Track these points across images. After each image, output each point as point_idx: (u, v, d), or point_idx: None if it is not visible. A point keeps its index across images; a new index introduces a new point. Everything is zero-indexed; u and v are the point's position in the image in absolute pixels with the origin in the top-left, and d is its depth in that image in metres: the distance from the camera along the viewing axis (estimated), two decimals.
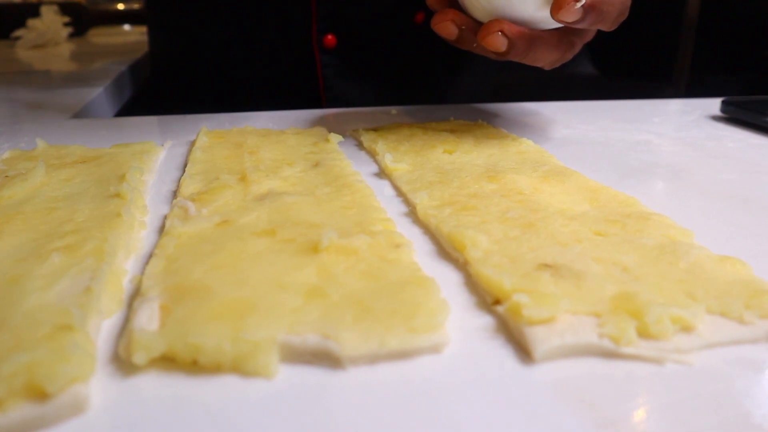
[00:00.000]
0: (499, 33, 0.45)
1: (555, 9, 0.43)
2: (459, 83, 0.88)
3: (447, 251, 0.33)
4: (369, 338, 0.24)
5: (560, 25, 0.47)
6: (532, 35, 0.46)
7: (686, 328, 0.25)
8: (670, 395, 0.22)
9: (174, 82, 0.87)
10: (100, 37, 1.54)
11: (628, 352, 0.24)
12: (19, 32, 1.28)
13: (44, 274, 0.28)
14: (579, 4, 0.42)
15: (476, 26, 0.48)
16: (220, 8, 0.79)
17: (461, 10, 0.49)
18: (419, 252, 0.33)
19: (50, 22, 1.32)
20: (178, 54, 0.86)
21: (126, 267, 0.32)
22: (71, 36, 1.42)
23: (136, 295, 0.28)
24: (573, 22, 0.44)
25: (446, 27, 0.48)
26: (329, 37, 0.77)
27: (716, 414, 0.21)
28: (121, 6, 1.77)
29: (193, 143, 0.52)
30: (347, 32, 0.78)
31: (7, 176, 0.41)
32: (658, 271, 0.29)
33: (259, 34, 0.78)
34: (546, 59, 0.49)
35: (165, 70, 0.89)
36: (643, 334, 0.25)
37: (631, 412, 0.22)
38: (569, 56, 0.50)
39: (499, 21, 0.45)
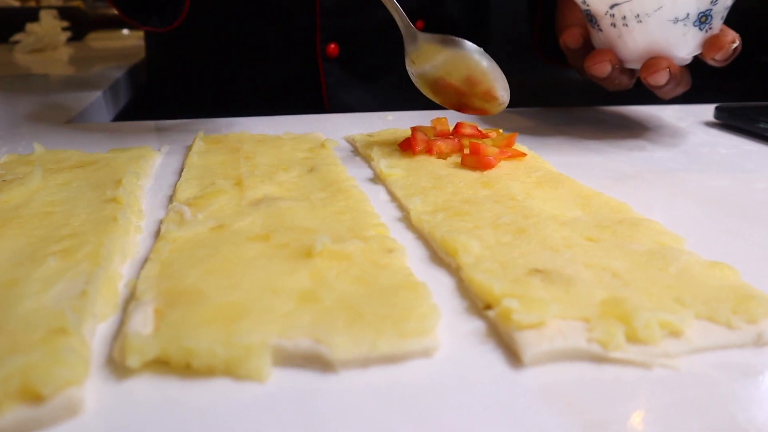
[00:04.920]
0: (667, 69, 0.51)
1: (714, 50, 0.51)
2: None
3: (440, 256, 0.33)
4: (360, 342, 0.24)
5: (688, 62, 0.54)
6: (681, 72, 0.53)
7: (674, 333, 0.25)
8: (657, 399, 0.23)
9: (172, 88, 0.87)
10: (99, 41, 1.54)
11: (616, 357, 0.24)
12: (17, 36, 1.29)
13: (40, 277, 0.28)
14: (734, 46, 0.51)
15: (621, 65, 0.55)
16: (224, 17, 0.80)
17: (590, 46, 0.57)
18: (412, 257, 0.33)
19: (49, 26, 1.32)
20: (177, 61, 0.86)
21: (122, 271, 0.32)
22: (70, 40, 1.42)
23: (131, 298, 0.28)
24: (717, 61, 0.52)
25: (603, 67, 0.54)
26: (332, 46, 0.77)
27: (702, 418, 0.22)
28: None
29: (189, 148, 0.52)
30: (350, 41, 0.78)
31: (4, 180, 0.42)
32: (647, 276, 0.29)
33: (262, 43, 0.79)
34: (675, 93, 0.56)
35: (161, 76, 0.90)
36: (632, 338, 0.25)
37: (618, 415, 0.22)
38: (687, 89, 0.57)
39: (664, 58, 0.52)
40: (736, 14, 0.55)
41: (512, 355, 0.25)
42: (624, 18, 0.51)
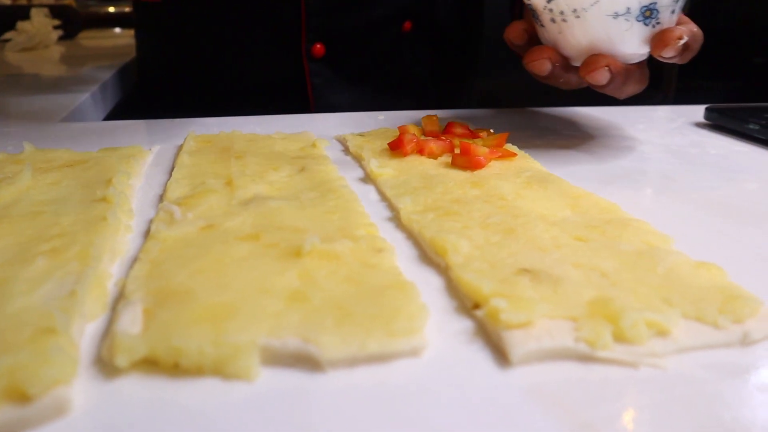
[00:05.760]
0: (606, 68, 0.48)
1: (659, 46, 0.47)
2: (446, 91, 0.89)
3: (429, 256, 0.33)
4: (349, 342, 0.24)
5: (642, 59, 0.50)
6: (627, 70, 0.49)
7: (661, 333, 0.26)
8: (644, 399, 0.23)
9: (161, 87, 0.87)
10: (90, 40, 1.54)
11: (603, 356, 0.25)
12: (8, 35, 1.28)
13: (29, 277, 0.28)
14: (681, 42, 0.47)
15: (565, 62, 0.51)
16: (210, 17, 0.79)
17: (537, 43, 0.52)
18: (401, 257, 0.33)
19: (40, 24, 1.32)
20: (166, 60, 0.86)
21: (111, 270, 0.32)
22: (61, 39, 1.41)
23: (120, 298, 0.28)
24: (669, 58, 0.47)
25: (542, 64, 0.51)
26: (318, 46, 0.77)
27: (689, 417, 0.22)
28: (111, 9, 1.77)
29: (180, 147, 0.52)
30: (336, 41, 0.78)
31: None
32: (635, 276, 0.29)
33: (248, 43, 0.79)
34: (628, 91, 0.52)
35: (151, 76, 0.89)
36: (619, 338, 0.25)
37: (605, 415, 0.22)
38: (644, 87, 0.53)
39: (603, 56, 0.48)
40: (729, 16, 0.55)
41: (500, 354, 0.25)
42: (562, 13, 0.49)
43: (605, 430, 0.21)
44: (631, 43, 0.49)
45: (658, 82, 2.11)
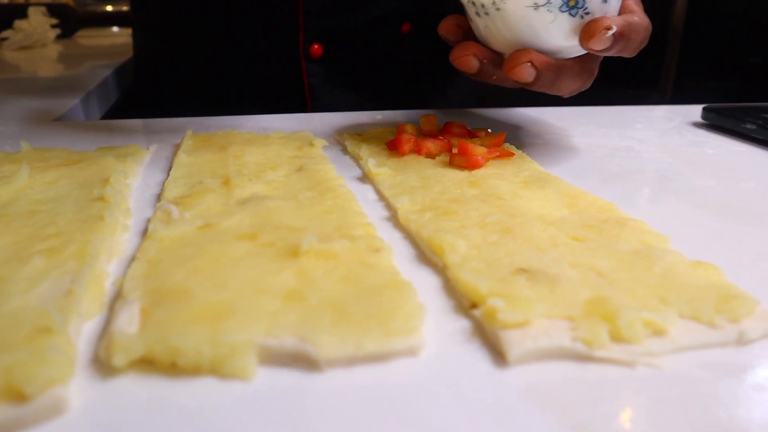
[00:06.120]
0: (528, 64, 0.45)
1: (585, 38, 0.43)
2: (445, 92, 0.89)
3: (426, 255, 0.33)
4: (346, 341, 0.24)
5: (582, 53, 0.47)
6: (558, 65, 0.46)
7: (658, 332, 0.26)
8: (641, 398, 0.23)
9: (158, 87, 0.87)
10: (88, 38, 1.53)
11: (600, 356, 0.25)
12: (5, 33, 1.27)
13: (26, 276, 0.28)
14: (610, 33, 0.43)
15: (496, 58, 0.48)
16: (207, 17, 0.79)
17: (475, 40, 0.49)
18: (399, 256, 0.33)
19: (37, 23, 1.32)
20: (163, 60, 0.86)
21: (108, 270, 0.32)
22: (59, 37, 1.41)
23: (117, 297, 0.28)
24: (601, 50, 0.44)
25: (467, 61, 0.48)
26: (316, 46, 0.77)
27: (685, 416, 0.22)
28: (109, 8, 1.77)
29: (178, 147, 0.52)
30: (334, 42, 0.78)
31: None
32: (632, 276, 0.29)
33: (246, 43, 0.79)
34: (569, 88, 0.49)
35: (149, 75, 0.89)
36: (616, 337, 0.25)
37: (602, 414, 0.22)
38: (589, 84, 0.50)
39: (527, 51, 0.45)
40: (726, 17, 0.55)
41: (497, 354, 0.25)
42: (483, 6, 0.46)
43: (602, 430, 0.21)
44: (558, 36, 0.45)
45: (654, 83, 2.11)
